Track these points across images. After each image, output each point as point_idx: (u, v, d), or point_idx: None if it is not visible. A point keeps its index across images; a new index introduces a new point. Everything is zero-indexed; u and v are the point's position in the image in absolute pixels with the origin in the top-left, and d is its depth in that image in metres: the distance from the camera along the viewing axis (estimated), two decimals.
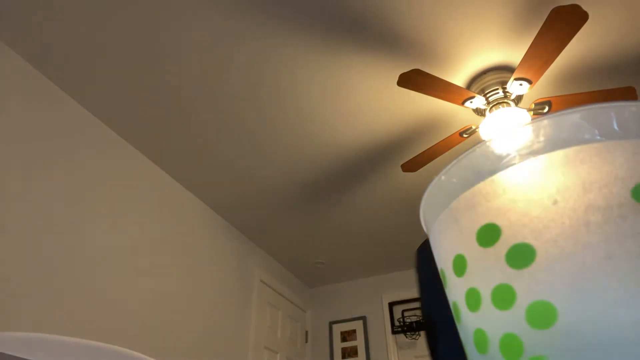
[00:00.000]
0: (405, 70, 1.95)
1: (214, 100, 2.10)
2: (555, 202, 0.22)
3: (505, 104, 1.93)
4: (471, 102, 1.91)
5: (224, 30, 1.76)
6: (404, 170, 2.27)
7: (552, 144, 0.23)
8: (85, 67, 1.89)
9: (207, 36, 1.78)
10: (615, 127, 0.22)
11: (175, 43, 1.81)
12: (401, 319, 3.65)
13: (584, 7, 1.72)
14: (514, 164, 0.24)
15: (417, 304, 3.69)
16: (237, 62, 1.91)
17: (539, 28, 1.79)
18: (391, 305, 3.76)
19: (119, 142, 2.29)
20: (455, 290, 0.27)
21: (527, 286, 0.22)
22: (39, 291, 1.66)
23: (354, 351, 3.67)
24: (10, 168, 1.69)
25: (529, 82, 1.78)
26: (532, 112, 1.97)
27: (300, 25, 1.75)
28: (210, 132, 2.30)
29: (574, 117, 0.23)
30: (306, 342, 3.84)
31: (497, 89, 1.95)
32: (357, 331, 3.76)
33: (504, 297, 0.23)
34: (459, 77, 2.01)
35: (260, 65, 1.93)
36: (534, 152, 0.24)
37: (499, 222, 0.24)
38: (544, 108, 1.95)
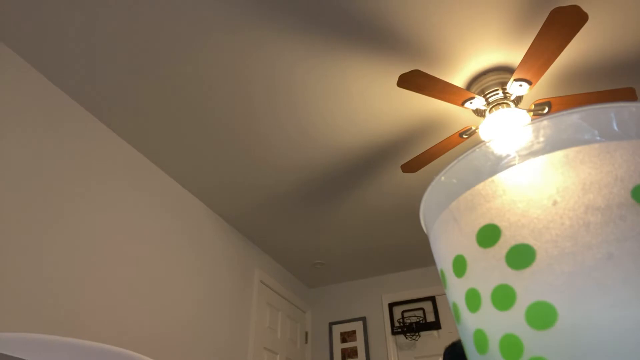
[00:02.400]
0: (405, 71, 1.95)
1: (213, 103, 2.10)
2: (555, 203, 0.22)
3: (505, 105, 1.93)
4: (471, 102, 1.91)
5: (231, 39, 1.76)
6: (403, 171, 2.27)
7: (552, 145, 0.23)
8: (91, 73, 1.90)
9: (215, 44, 1.78)
10: (615, 127, 0.22)
11: (182, 47, 1.81)
12: (401, 320, 3.65)
13: (584, 8, 1.73)
14: (514, 164, 0.24)
15: (416, 305, 3.69)
16: (239, 66, 1.91)
17: (539, 29, 1.79)
18: (391, 305, 3.76)
19: (120, 143, 2.29)
20: (455, 290, 0.27)
21: (527, 287, 0.22)
22: (39, 291, 1.65)
23: (353, 352, 3.66)
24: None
25: (529, 82, 1.78)
26: (531, 113, 1.97)
27: (300, 26, 1.75)
28: (210, 133, 2.30)
29: (573, 117, 0.23)
30: (306, 342, 3.84)
31: (497, 89, 1.95)
32: (357, 332, 3.76)
33: (503, 297, 0.23)
34: (458, 78, 2.01)
35: (260, 67, 1.93)
36: (534, 153, 0.24)
37: (498, 222, 0.24)
38: (543, 109, 1.95)
